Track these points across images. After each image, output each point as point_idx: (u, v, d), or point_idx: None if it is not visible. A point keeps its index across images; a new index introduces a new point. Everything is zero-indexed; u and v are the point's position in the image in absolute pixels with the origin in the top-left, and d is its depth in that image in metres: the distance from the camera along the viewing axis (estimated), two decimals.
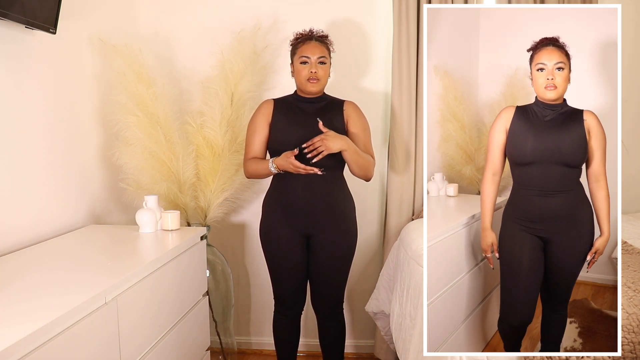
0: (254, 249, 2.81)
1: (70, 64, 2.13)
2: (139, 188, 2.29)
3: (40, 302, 1.26)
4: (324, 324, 2.26)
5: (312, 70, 2.03)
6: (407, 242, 2.17)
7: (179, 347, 1.85)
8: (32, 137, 1.90)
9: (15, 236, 1.79)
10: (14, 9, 1.62)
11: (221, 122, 2.40)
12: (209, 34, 2.65)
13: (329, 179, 2.05)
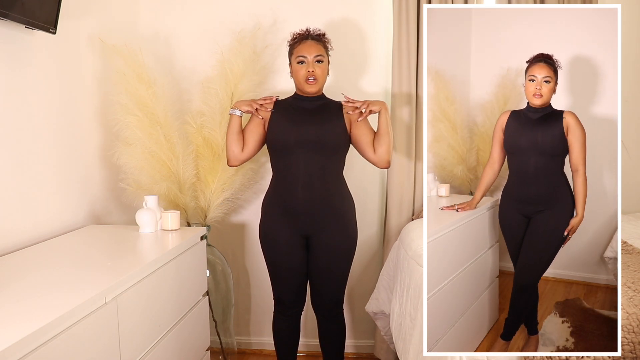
0: (254, 249, 2.81)
1: (70, 64, 2.13)
2: (139, 188, 2.29)
3: (40, 302, 1.26)
4: (324, 324, 2.26)
5: (309, 69, 2.03)
6: (407, 242, 2.17)
7: (179, 347, 1.85)
8: (32, 137, 1.90)
9: (16, 236, 1.79)
10: (14, 9, 1.62)
11: (221, 122, 2.40)
12: (209, 34, 2.65)
13: (328, 179, 2.05)
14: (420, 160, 2.59)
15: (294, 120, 2.06)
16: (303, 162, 2.02)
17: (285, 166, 2.06)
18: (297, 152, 2.03)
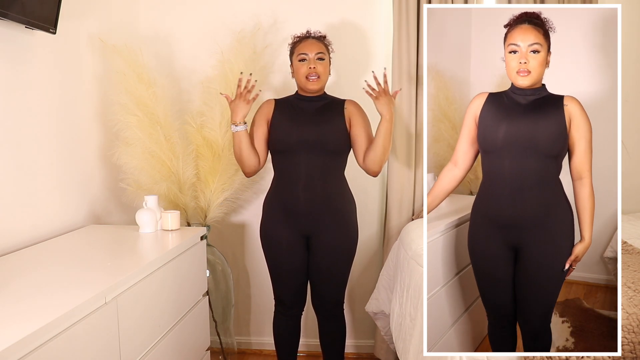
0: (254, 249, 2.81)
1: (70, 64, 2.13)
2: (139, 188, 2.29)
3: (40, 302, 1.26)
4: (324, 324, 2.26)
5: (310, 66, 2.02)
6: (407, 242, 2.17)
7: (179, 347, 1.85)
8: (32, 137, 1.90)
9: (16, 236, 1.79)
10: (14, 9, 1.62)
11: (221, 122, 2.40)
12: (209, 34, 2.65)
13: (329, 179, 2.05)
14: (420, 161, 2.59)
15: (295, 121, 2.06)
16: (304, 162, 2.02)
17: (286, 166, 2.06)
18: (298, 153, 2.03)
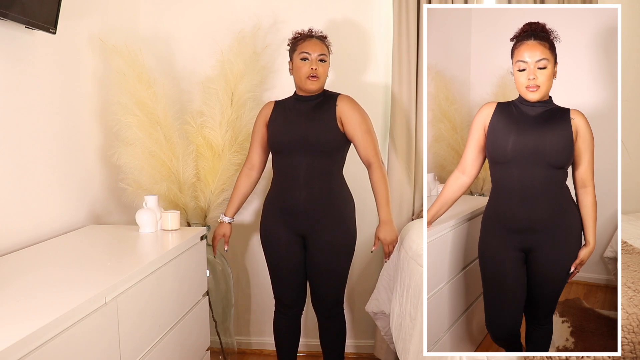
0: (254, 249, 2.81)
1: (70, 64, 2.13)
2: (139, 188, 2.29)
3: (40, 302, 1.26)
4: (324, 324, 2.26)
5: (312, 67, 2.03)
6: (407, 242, 2.17)
7: (179, 347, 1.85)
8: (32, 138, 1.90)
9: (16, 236, 1.79)
10: (14, 9, 1.62)
11: (221, 122, 2.40)
12: (209, 34, 2.65)
13: (327, 178, 2.05)
14: (420, 160, 2.58)
15: (290, 121, 2.07)
16: (301, 162, 2.03)
17: (285, 166, 2.07)
18: (295, 153, 2.03)
